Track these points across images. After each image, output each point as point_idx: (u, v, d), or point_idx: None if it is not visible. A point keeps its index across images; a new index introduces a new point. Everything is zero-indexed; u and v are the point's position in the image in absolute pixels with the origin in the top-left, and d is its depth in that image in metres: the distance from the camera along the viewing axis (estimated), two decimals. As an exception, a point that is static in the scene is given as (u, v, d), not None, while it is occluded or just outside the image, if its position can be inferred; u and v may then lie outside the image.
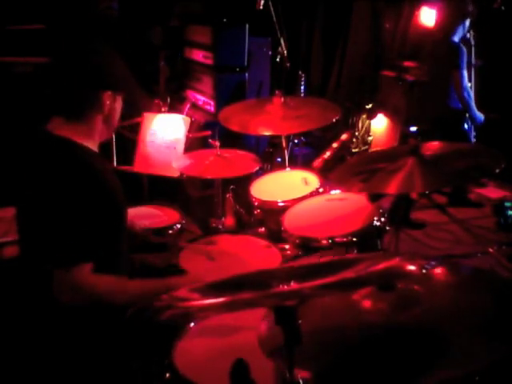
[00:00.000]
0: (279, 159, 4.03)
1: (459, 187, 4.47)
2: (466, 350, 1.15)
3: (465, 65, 4.13)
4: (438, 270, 1.43)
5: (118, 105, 1.86)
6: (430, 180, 1.92)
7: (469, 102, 4.18)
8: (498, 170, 1.82)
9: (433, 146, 2.12)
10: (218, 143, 2.78)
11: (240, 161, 2.81)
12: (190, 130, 3.22)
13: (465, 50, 4.15)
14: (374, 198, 2.44)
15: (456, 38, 4.20)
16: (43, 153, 1.74)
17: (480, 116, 4.25)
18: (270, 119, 2.85)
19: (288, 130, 2.96)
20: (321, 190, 2.64)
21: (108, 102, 1.78)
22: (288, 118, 2.82)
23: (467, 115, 4.26)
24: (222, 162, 2.75)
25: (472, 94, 4.21)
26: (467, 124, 4.32)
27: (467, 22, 4.23)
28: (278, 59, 3.93)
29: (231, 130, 2.84)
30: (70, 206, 1.65)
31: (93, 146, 1.82)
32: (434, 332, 1.22)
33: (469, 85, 4.21)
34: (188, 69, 4.87)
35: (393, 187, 1.90)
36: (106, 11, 4.73)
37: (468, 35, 4.28)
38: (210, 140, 2.87)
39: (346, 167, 2.31)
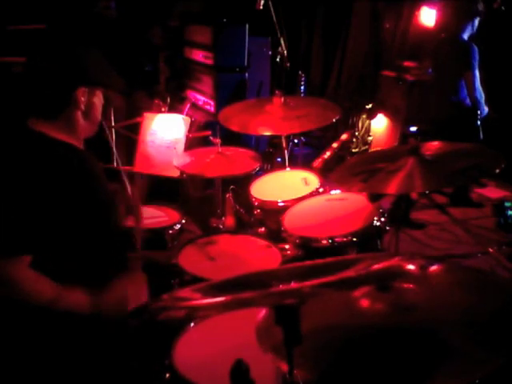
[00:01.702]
0: (279, 159, 4.03)
1: (461, 186, 4.46)
2: (467, 354, 1.15)
3: (477, 64, 4.09)
4: (438, 271, 1.43)
5: (97, 99, 1.81)
6: (430, 180, 1.92)
7: (480, 102, 4.16)
8: (497, 171, 1.82)
9: (433, 146, 2.11)
10: (218, 141, 2.78)
11: (241, 159, 2.81)
12: (190, 130, 3.22)
13: (476, 48, 4.10)
14: (374, 198, 2.44)
15: (465, 36, 4.18)
16: (18, 148, 1.70)
17: (485, 108, 4.23)
18: (270, 119, 2.85)
19: (288, 130, 2.96)
20: (321, 189, 2.64)
21: (83, 99, 1.74)
22: (288, 118, 2.82)
23: (478, 113, 4.24)
24: (223, 160, 2.76)
25: (483, 94, 4.18)
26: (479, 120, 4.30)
27: (476, 21, 4.20)
28: (277, 59, 3.93)
29: (231, 130, 2.84)
30: (23, 198, 1.60)
31: (76, 142, 1.78)
32: (434, 334, 1.22)
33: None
34: (188, 69, 4.87)
35: (393, 187, 1.89)
36: (104, 11, 4.73)
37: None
38: (211, 138, 2.88)
39: (346, 167, 2.31)
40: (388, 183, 1.90)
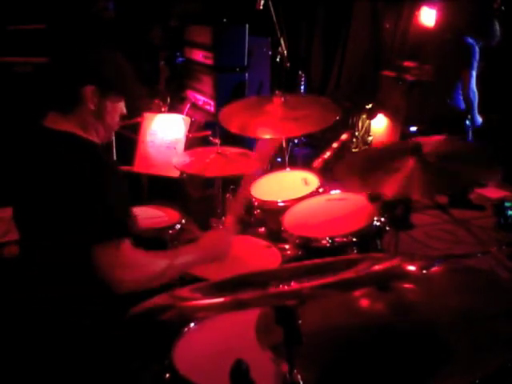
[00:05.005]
0: (279, 159, 4.02)
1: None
2: (468, 355, 1.15)
3: (475, 65, 4.12)
4: (439, 271, 1.43)
5: (112, 104, 1.80)
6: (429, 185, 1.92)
7: (473, 103, 4.18)
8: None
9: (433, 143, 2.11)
10: (218, 141, 2.78)
11: (241, 159, 2.81)
12: (190, 130, 3.22)
13: (478, 50, 4.13)
14: (374, 198, 2.44)
15: (471, 40, 4.19)
16: (50, 149, 1.71)
17: (479, 119, 4.25)
18: (270, 121, 2.83)
19: (287, 132, 2.94)
20: (321, 189, 2.64)
21: (92, 97, 1.74)
22: (287, 119, 2.80)
23: (468, 116, 4.26)
24: (223, 160, 2.76)
25: (477, 95, 4.20)
26: (468, 121, 4.32)
27: (497, 25, 4.22)
28: (278, 59, 3.92)
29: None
30: (95, 189, 1.64)
31: (94, 139, 1.80)
32: (434, 335, 1.22)
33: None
34: (188, 69, 4.87)
35: (391, 189, 1.89)
36: (101, 12, 4.73)
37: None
38: (211, 138, 2.88)
39: (347, 165, 2.30)
40: (387, 184, 1.90)
